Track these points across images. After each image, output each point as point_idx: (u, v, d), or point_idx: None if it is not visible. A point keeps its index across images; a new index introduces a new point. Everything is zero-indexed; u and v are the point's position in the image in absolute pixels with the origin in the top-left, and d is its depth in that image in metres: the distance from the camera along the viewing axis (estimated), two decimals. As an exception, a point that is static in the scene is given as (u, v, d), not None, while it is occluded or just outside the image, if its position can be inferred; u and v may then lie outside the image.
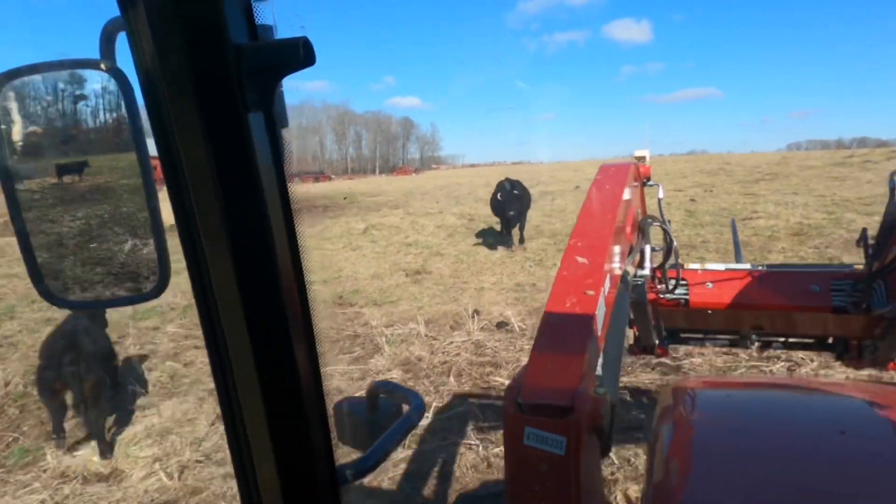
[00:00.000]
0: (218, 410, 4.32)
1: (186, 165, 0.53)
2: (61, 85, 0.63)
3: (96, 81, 0.61)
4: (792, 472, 0.98)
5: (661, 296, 2.46)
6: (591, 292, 1.31)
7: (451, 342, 5.76)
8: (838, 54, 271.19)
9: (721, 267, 2.57)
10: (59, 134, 0.67)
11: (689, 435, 1.18)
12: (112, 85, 0.59)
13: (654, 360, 4.85)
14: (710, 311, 2.50)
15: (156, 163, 0.58)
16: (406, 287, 8.22)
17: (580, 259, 1.45)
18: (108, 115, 0.62)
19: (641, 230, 2.08)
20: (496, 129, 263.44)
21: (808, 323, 2.47)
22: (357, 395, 1.21)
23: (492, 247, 10.69)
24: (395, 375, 4.98)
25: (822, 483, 0.96)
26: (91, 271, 0.66)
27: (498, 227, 11.14)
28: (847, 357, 2.48)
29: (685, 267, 2.50)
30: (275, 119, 0.55)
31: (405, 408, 1.05)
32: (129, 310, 7.66)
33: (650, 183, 2.49)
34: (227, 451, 2.79)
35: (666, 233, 2.14)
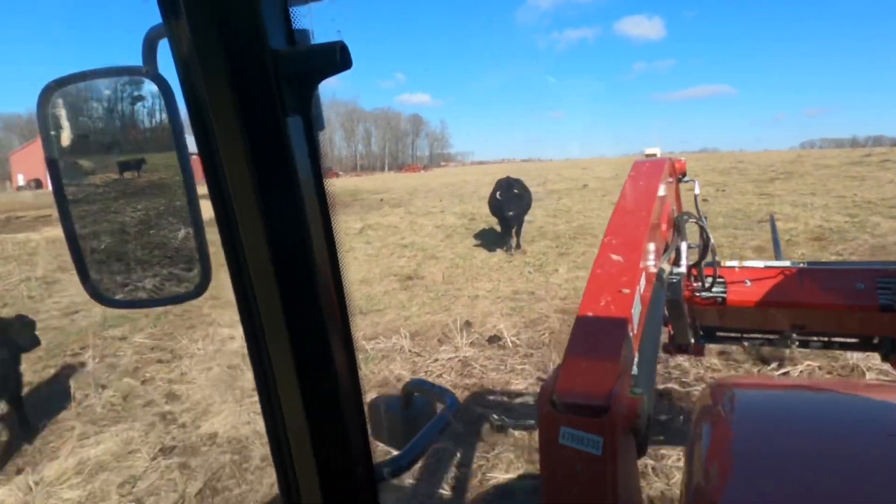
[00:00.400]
0: (164, 441, 3.82)
1: (227, 169, 0.53)
2: (107, 91, 0.64)
3: (140, 87, 0.62)
4: (838, 477, 0.95)
5: (697, 294, 2.40)
6: (626, 290, 1.30)
7: (437, 359, 5.22)
8: (852, 51, 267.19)
9: (759, 264, 2.48)
10: (106, 138, 0.67)
11: (730, 436, 1.14)
12: (154, 90, 0.61)
13: (661, 386, 4.31)
14: (748, 310, 2.43)
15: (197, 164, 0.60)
16: (395, 294, 7.68)
17: (615, 257, 1.43)
18: (150, 120, 0.63)
19: (677, 227, 2.03)
20: (505, 126, 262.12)
21: (852, 322, 2.38)
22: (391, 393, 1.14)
23: (490, 250, 10.13)
24: (368, 399, 4.44)
25: (870, 489, 0.92)
26: (139, 270, 0.68)
27: (498, 228, 10.58)
28: (894, 357, 2.39)
29: (722, 264, 2.43)
30: (312, 122, 0.55)
31: (439, 406, 1.03)
32: (98, 316, 7.21)
33: (686, 179, 2.45)
34: (163, 493, 2.20)
35: (702, 229, 2.10)
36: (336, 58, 0.51)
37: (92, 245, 0.68)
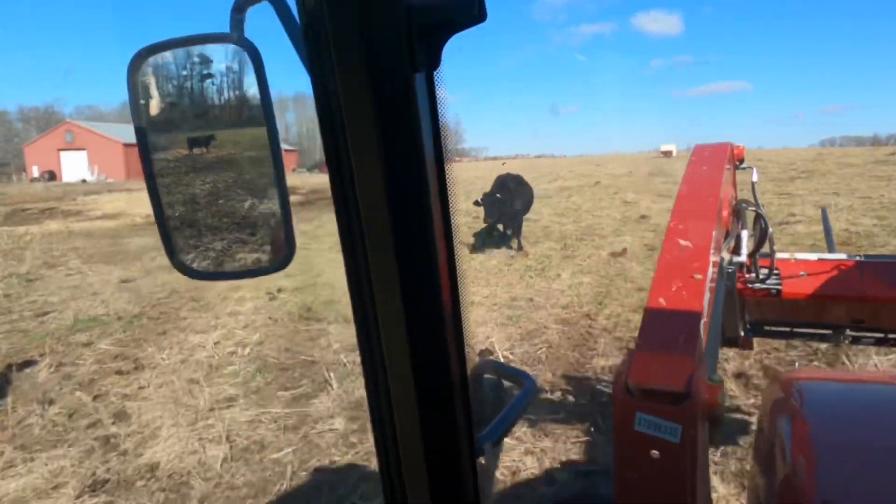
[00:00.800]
0: (97, 473, 3.28)
1: (349, 130, 0.51)
2: (195, 59, 0.63)
3: (228, 54, 0.61)
4: None
5: (751, 285, 2.31)
6: (698, 276, 1.28)
7: (419, 376, 4.70)
8: (873, 47, 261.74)
9: (814, 256, 2.41)
10: (194, 108, 0.67)
11: (812, 429, 1.07)
12: (243, 58, 0.60)
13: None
14: (803, 303, 2.37)
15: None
16: (385, 298, 7.16)
17: (683, 242, 1.42)
18: (238, 88, 0.63)
19: (737, 214, 1.99)
20: (519, 121, 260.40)
21: None
22: None
23: (490, 251, 9.56)
24: (337, 426, 3.94)
25: None
26: (221, 242, 0.70)
27: (501, 228, 10.02)
28: None
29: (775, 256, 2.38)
30: (434, 81, 0.53)
31: (506, 385, 0.99)
32: (68, 319, 6.78)
33: (743, 165, 2.42)
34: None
35: (761, 218, 2.03)
36: (474, 9, 0.48)
37: (179, 215, 0.68)
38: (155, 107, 0.66)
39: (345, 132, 0.51)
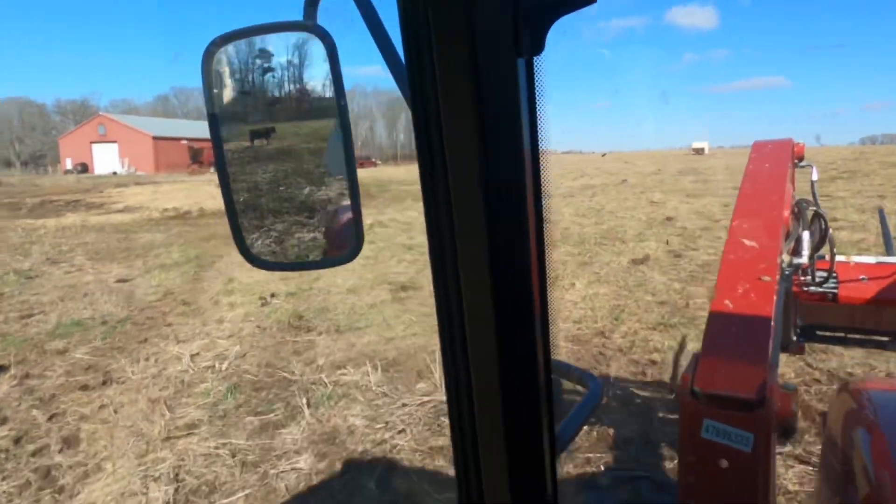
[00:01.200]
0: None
1: (444, 117, 0.48)
2: (269, 47, 0.63)
3: (302, 42, 0.61)
4: None
5: (806, 288, 2.22)
6: (766, 278, 1.25)
7: (405, 404, 4.19)
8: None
9: (872, 260, 2.32)
10: (265, 96, 0.65)
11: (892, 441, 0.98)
12: (316, 45, 0.59)
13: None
14: (860, 308, 2.26)
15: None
16: (383, 307, 6.65)
17: (748, 242, 1.39)
18: (309, 76, 0.62)
19: (796, 214, 1.88)
20: (546, 116, 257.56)
21: None
22: None
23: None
24: (301, 464, 3.45)
25: None
26: (288, 235, 0.70)
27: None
28: None
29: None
30: (534, 68, 0.49)
31: (564, 385, 0.92)
32: (51, 323, 6.46)
33: (802, 164, 2.43)
34: None
35: (821, 218, 1.96)
36: None
37: (246, 208, 0.68)
38: (228, 95, 0.65)
39: (440, 121, 0.48)
